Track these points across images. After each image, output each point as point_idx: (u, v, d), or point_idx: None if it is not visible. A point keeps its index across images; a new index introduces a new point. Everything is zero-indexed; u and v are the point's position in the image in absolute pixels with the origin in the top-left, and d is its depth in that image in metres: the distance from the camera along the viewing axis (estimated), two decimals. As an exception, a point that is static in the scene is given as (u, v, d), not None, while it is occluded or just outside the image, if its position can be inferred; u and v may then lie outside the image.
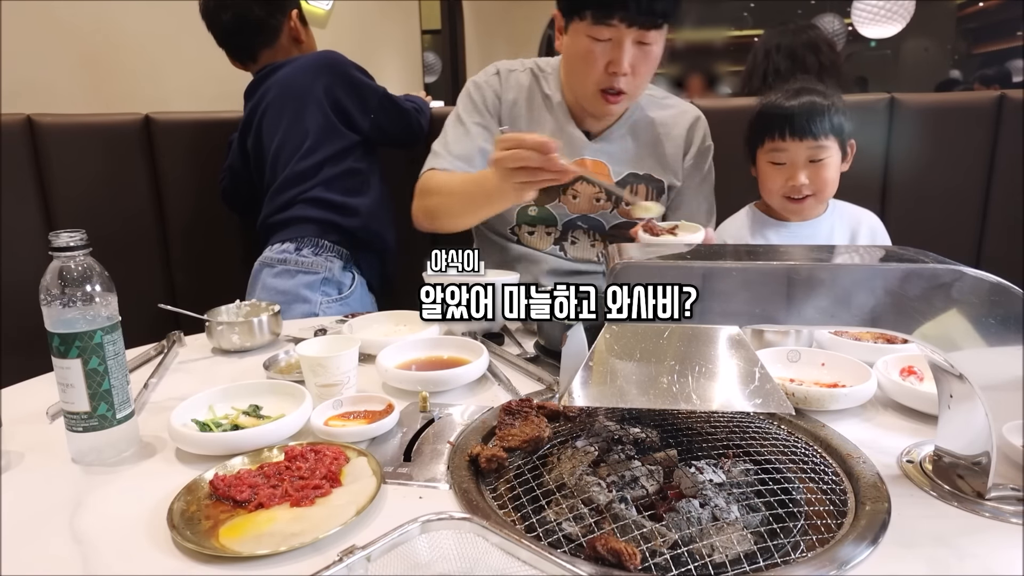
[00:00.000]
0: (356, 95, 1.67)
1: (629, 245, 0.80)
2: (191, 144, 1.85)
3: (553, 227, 1.54)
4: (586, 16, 1.33)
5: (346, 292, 1.65)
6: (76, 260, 0.82)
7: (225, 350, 1.25)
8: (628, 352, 0.69)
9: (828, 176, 1.40)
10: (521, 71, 1.55)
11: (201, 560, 0.65)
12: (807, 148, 1.38)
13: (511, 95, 1.53)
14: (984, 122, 1.78)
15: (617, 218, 1.52)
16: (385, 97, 1.71)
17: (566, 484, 0.75)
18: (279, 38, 1.76)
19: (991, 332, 0.67)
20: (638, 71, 1.38)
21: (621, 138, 1.52)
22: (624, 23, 1.31)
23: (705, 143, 1.56)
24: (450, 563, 0.59)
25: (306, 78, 1.65)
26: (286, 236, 1.64)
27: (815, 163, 1.39)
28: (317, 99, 1.64)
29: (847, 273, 0.69)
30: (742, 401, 0.67)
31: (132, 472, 0.83)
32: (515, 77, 1.55)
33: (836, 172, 1.42)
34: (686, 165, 1.54)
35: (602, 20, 1.31)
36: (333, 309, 1.60)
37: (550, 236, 1.54)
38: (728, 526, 0.67)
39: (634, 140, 1.52)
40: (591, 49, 1.35)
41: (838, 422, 0.90)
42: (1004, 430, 0.70)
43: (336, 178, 1.65)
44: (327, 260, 1.63)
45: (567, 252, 1.54)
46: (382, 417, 0.90)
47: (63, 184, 1.72)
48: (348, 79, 1.67)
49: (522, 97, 1.53)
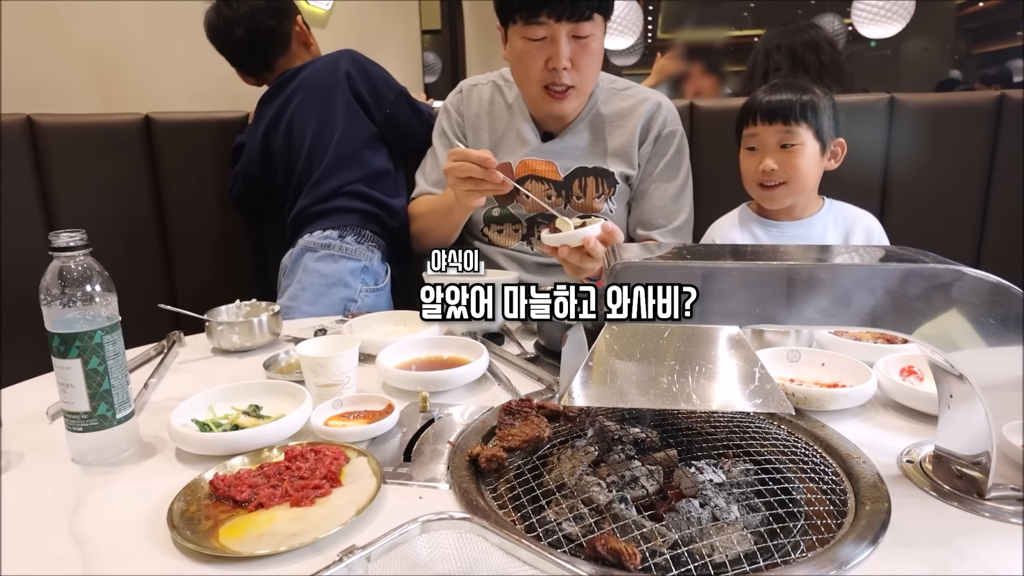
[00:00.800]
0: (372, 87, 1.71)
1: (628, 245, 0.80)
2: (191, 144, 1.85)
3: (519, 224, 1.60)
4: (518, 19, 1.40)
5: (382, 284, 1.68)
6: (76, 260, 0.82)
7: (225, 350, 1.25)
8: (628, 352, 0.69)
9: (800, 164, 1.39)
10: (484, 84, 1.66)
11: (201, 560, 0.65)
12: (776, 132, 1.40)
13: (473, 109, 1.64)
14: (984, 122, 1.78)
15: (573, 212, 1.56)
16: (402, 94, 1.74)
17: (566, 484, 0.75)
18: (291, 44, 1.79)
19: (991, 332, 0.67)
20: (580, 64, 1.44)
21: (577, 134, 1.57)
22: (553, 19, 1.37)
23: (666, 128, 1.57)
24: (450, 563, 0.59)
25: (330, 71, 1.70)
26: (328, 224, 1.66)
27: (785, 149, 1.40)
28: (341, 87, 1.69)
29: (847, 273, 0.69)
30: (742, 401, 0.67)
31: (132, 472, 0.83)
32: (476, 91, 1.65)
33: (812, 163, 1.41)
34: (644, 151, 1.57)
35: (533, 19, 1.38)
36: (370, 299, 1.64)
37: (517, 233, 1.61)
38: (728, 526, 0.67)
39: (591, 134, 1.57)
40: (528, 49, 1.43)
41: (838, 422, 0.90)
42: (1004, 430, 0.70)
43: (375, 177, 1.69)
44: (368, 249, 1.66)
45: (534, 247, 1.60)
46: (382, 417, 0.90)
47: (63, 184, 1.72)
48: (366, 71, 1.72)
49: (483, 110, 1.63)
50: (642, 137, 1.57)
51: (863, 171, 1.79)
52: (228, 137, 1.87)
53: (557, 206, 1.56)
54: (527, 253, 1.60)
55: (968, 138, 1.79)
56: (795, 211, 1.50)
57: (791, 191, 1.43)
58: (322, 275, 1.61)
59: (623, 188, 1.57)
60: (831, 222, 1.50)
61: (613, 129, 1.57)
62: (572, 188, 1.56)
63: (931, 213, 1.83)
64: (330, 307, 1.59)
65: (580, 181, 1.56)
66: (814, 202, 1.51)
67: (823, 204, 1.51)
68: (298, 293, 1.61)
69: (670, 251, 0.80)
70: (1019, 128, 1.76)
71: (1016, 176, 1.77)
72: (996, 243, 1.83)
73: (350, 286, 1.61)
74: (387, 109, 1.71)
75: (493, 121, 1.62)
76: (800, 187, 1.42)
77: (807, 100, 1.39)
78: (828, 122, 1.41)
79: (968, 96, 2.08)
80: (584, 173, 1.56)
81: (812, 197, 1.50)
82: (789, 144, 1.39)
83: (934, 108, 1.83)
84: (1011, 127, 1.76)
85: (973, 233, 1.84)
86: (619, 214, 1.59)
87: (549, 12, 1.36)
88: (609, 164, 1.56)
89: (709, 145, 1.81)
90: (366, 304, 1.62)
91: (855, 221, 1.51)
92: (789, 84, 1.44)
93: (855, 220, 1.51)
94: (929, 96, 1.88)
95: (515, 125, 1.59)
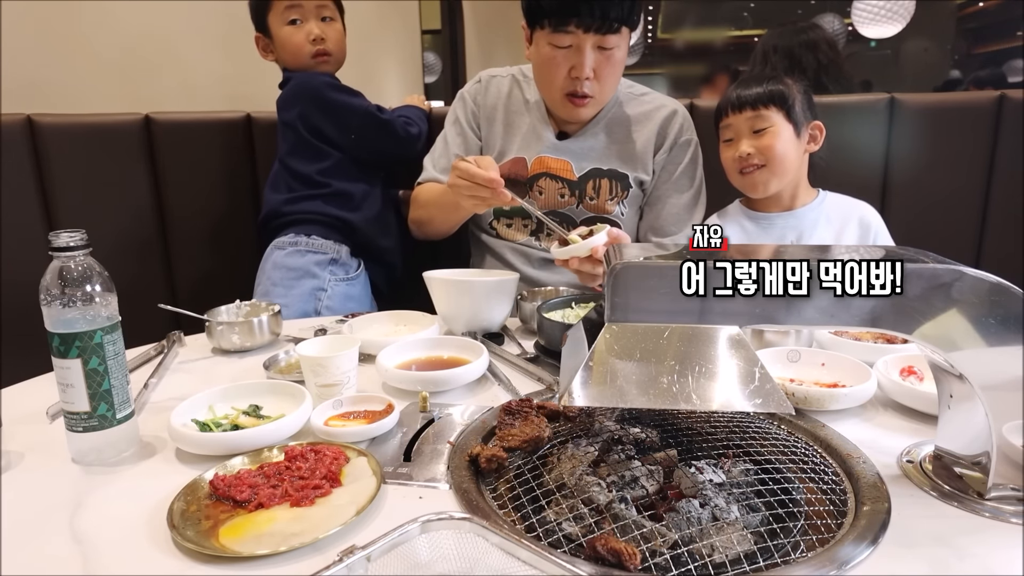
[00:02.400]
0: (333, 117, 1.69)
1: (628, 245, 0.80)
2: (191, 144, 1.85)
3: (528, 219, 1.61)
4: (546, 25, 1.40)
5: (353, 275, 1.69)
6: (76, 260, 0.82)
7: (225, 350, 1.25)
8: (628, 352, 0.69)
9: (774, 145, 1.42)
10: (503, 77, 1.66)
11: (201, 560, 0.65)
12: (747, 119, 1.44)
13: (491, 100, 1.64)
14: (984, 122, 1.78)
15: (585, 212, 1.58)
16: (367, 114, 1.71)
17: (566, 484, 0.75)
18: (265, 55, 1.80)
19: (991, 332, 0.67)
20: (601, 75, 1.45)
21: (594, 136, 1.58)
22: (581, 29, 1.38)
23: (683, 137, 1.59)
24: (450, 563, 0.59)
25: (286, 109, 1.70)
26: (294, 230, 1.68)
27: (758, 133, 1.43)
28: (293, 126, 1.69)
29: (847, 273, 0.69)
30: (742, 401, 0.67)
31: (132, 472, 0.83)
32: (496, 83, 1.66)
33: (787, 145, 1.43)
34: (660, 158, 1.58)
35: (561, 28, 1.39)
36: (340, 288, 1.65)
37: (526, 228, 1.61)
38: (728, 526, 0.67)
39: (607, 136, 1.58)
40: (553, 56, 1.43)
41: (838, 422, 0.90)
42: (1004, 430, 0.70)
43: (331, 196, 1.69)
44: (336, 245, 1.68)
45: (543, 243, 1.60)
46: (382, 417, 0.90)
47: (63, 184, 1.72)
48: (323, 103, 1.68)
49: (500, 102, 1.64)
50: (658, 144, 1.58)
51: (863, 171, 1.79)
52: (228, 137, 1.87)
53: (570, 205, 1.57)
54: (534, 248, 1.60)
55: (968, 138, 1.79)
56: (784, 201, 1.50)
57: (771, 173, 1.44)
58: (289, 268, 1.64)
59: (636, 193, 1.58)
60: (824, 214, 1.50)
61: (630, 134, 1.58)
62: (586, 188, 1.57)
63: (931, 213, 1.83)
64: (300, 297, 1.61)
65: (594, 182, 1.56)
66: (806, 193, 1.51)
67: (817, 196, 1.52)
68: (268, 289, 1.63)
69: (670, 251, 0.80)
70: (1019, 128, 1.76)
71: (1016, 176, 1.77)
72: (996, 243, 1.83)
73: (318, 276, 1.64)
74: (352, 134, 1.69)
75: (509, 114, 1.62)
76: (779, 169, 1.44)
77: (773, 88, 1.42)
78: (800, 106, 1.44)
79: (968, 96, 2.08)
80: (599, 174, 1.57)
81: (803, 188, 1.51)
82: (760, 128, 1.43)
83: (934, 108, 1.83)
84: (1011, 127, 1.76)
85: (973, 233, 1.84)
86: (630, 218, 1.60)
87: (578, 22, 1.37)
88: (624, 167, 1.57)
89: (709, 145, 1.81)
90: (337, 293, 1.64)
91: (850, 213, 1.51)
92: (756, 77, 1.48)
93: (850, 212, 1.51)
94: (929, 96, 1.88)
95: (532, 122, 1.59)
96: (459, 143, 1.64)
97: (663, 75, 6.96)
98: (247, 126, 1.88)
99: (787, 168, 1.44)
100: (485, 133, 1.64)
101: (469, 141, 1.64)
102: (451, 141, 1.65)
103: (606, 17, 1.36)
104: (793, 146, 1.44)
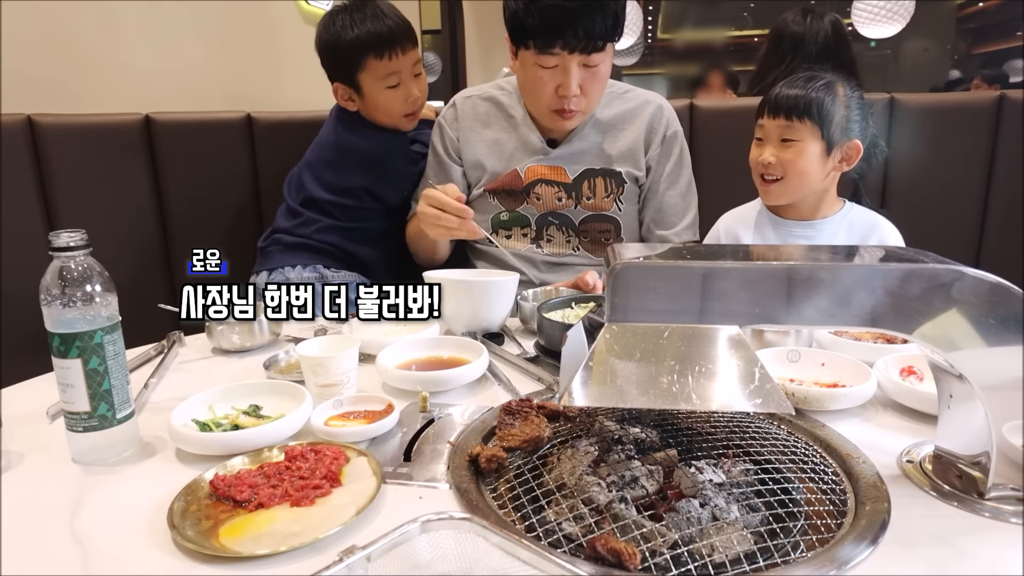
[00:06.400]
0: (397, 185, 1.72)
1: (628, 245, 0.80)
2: (191, 144, 1.85)
3: (528, 227, 1.61)
4: (531, 46, 1.40)
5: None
6: (76, 260, 0.82)
7: (225, 350, 1.25)
8: (628, 352, 0.69)
9: (797, 162, 1.36)
10: (479, 98, 1.65)
11: (201, 560, 0.65)
12: (778, 126, 1.38)
13: (467, 122, 1.63)
14: (984, 122, 1.78)
15: (584, 212, 1.58)
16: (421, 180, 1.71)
17: (566, 484, 0.75)
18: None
19: (991, 332, 0.67)
20: (588, 90, 1.46)
21: (583, 139, 1.58)
22: (566, 50, 1.38)
23: (671, 128, 1.60)
24: (450, 563, 0.59)
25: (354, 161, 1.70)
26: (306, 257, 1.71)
27: (785, 144, 1.38)
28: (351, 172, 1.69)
29: (847, 273, 0.69)
30: (742, 401, 0.67)
31: (132, 472, 0.83)
32: (471, 103, 1.65)
33: (812, 163, 1.37)
34: (653, 153, 1.59)
35: (546, 50, 1.39)
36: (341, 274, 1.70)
37: (526, 237, 1.62)
38: (728, 526, 0.67)
39: (596, 137, 1.59)
40: (539, 76, 1.44)
41: (838, 422, 0.90)
42: (1004, 430, 0.70)
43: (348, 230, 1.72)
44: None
45: (544, 250, 1.61)
46: (382, 417, 0.90)
47: (63, 184, 1.72)
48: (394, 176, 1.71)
49: (478, 122, 1.63)
50: (648, 139, 1.59)
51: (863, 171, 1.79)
52: (228, 137, 1.87)
53: (568, 207, 1.58)
54: (537, 253, 1.61)
55: (968, 138, 1.79)
56: (804, 211, 1.46)
57: (787, 188, 1.40)
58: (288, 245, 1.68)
59: (632, 189, 1.59)
60: (845, 227, 1.45)
61: (618, 132, 1.59)
62: (582, 189, 1.57)
63: (931, 213, 1.83)
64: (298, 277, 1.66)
65: (589, 182, 1.57)
66: (829, 205, 1.46)
67: (842, 207, 1.47)
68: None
69: (670, 251, 0.80)
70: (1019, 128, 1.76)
71: (1016, 176, 1.77)
72: (996, 243, 1.83)
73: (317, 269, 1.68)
74: (404, 193, 1.73)
75: (490, 131, 1.62)
76: (797, 186, 1.40)
77: (815, 97, 1.35)
78: (839, 122, 1.36)
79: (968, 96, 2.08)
80: (592, 174, 1.57)
81: (827, 200, 1.45)
82: (788, 140, 1.38)
83: (934, 108, 1.83)
84: (1011, 127, 1.76)
85: (973, 233, 1.84)
86: (630, 214, 1.61)
87: (563, 44, 1.37)
88: (616, 165, 1.58)
89: (709, 145, 1.81)
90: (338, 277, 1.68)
91: (872, 229, 1.45)
92: (808, 77, 1.40)
93: (872, 227, 1.46)
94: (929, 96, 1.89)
95: (520, 134, 1.59)
96: (438, 171, 1.64)
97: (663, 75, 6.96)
98: (247, 126, 1.88)
99: (806, 185, 1.40)
100: (466, 156, 1.62)
101: (448, 169, 1.63)
102: (431, 173, 1.66)
103: (591, 37, 1.36)
104: (818, 165, 1.38)
